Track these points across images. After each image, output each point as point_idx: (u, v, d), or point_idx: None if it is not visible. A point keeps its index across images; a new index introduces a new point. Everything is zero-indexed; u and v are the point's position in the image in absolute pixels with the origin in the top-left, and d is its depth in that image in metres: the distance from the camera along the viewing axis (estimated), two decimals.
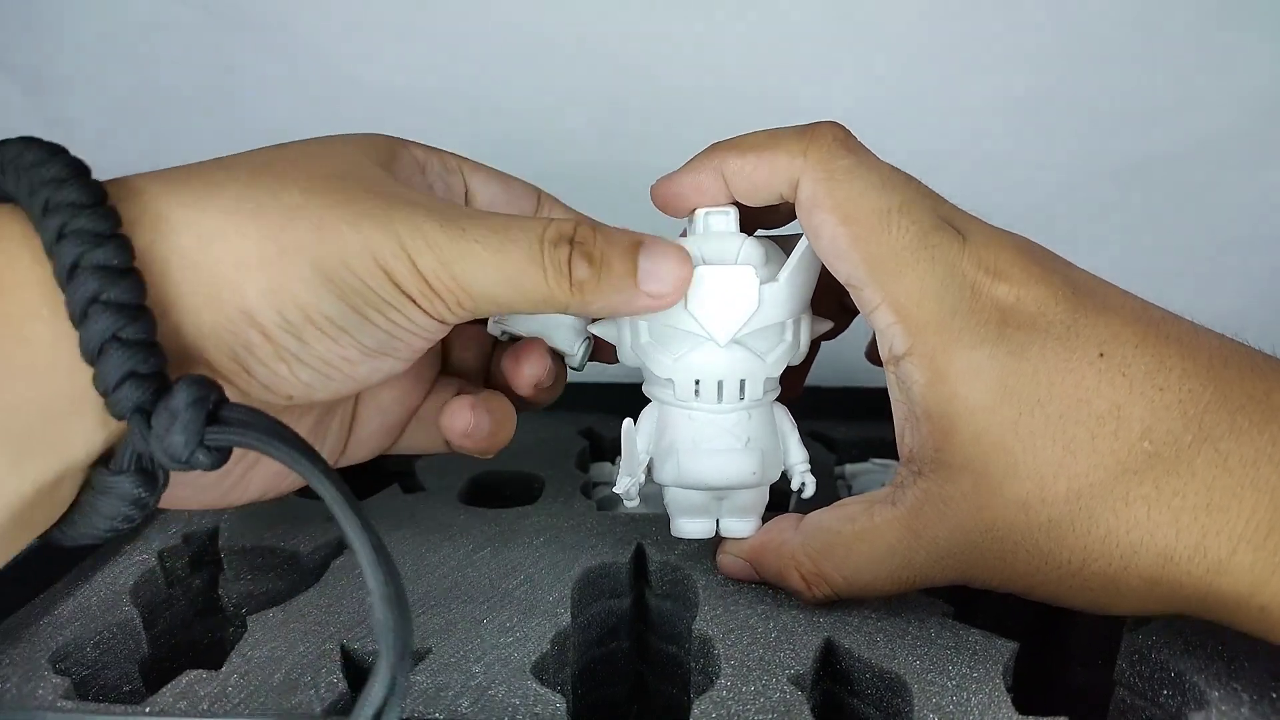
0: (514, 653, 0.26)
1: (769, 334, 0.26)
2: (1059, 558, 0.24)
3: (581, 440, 0.43)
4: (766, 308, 0.25)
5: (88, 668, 0.27)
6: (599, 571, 0.32)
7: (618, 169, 0.50)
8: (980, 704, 0.24)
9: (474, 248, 0.23)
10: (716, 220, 0.27)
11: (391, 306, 0.23)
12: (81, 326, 0.20)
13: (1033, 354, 0.24)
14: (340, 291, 0.22)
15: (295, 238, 0.22)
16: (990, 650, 0.27)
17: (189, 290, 0.21)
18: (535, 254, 0.23)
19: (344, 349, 0.23)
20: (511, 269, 0.23)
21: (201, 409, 0.20)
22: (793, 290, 0.26)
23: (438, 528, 0.34)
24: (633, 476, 0.28)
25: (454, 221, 0.23)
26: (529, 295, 0.24)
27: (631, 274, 0.24)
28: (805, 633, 0.28)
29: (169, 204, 0.22)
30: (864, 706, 0.27)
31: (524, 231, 0.24)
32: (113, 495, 0.21)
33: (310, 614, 0.28)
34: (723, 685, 0.25)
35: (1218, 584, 0.22)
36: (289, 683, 0.25)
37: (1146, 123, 0.48)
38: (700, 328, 0.25)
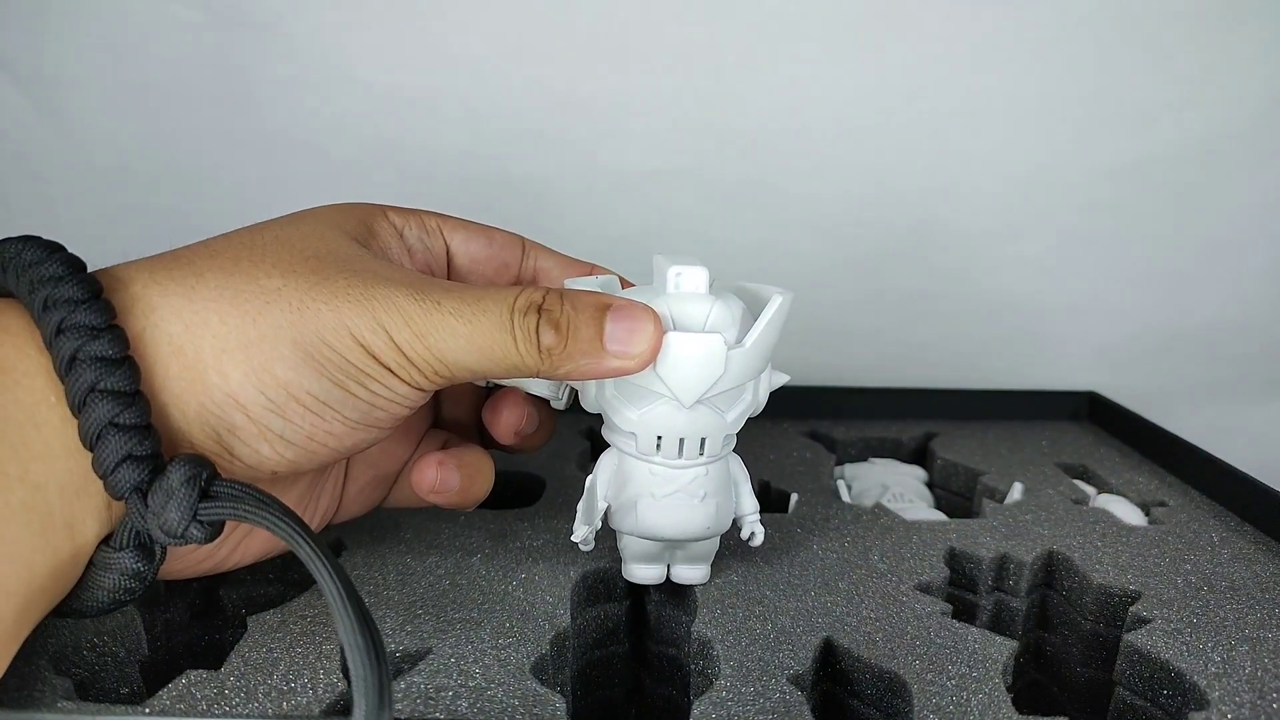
0: (513, 654, 0.26)
1: (732, 394, 0.27)
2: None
3: (582, 441, 0.43)
4: (733, 373, 0.26)
5: (87, 668, 0.27)
6: (598, 573, 0.32)
7: (618, 169, 0.50)
8: (980, 704, 0.24)
9: (448, 320, 0.24)
10: (688, 279, 0.27)
11: (371, 378, 0.24)
12: (81, 414, 0.21)
13: None
14: (320, 367, 0.23)
15: (274, 320, 0.23)
16: (990, 650, 0.27)
17: (176, 375, 0.23)
18: (505, 323, 0.24)
19: (328, 424, 0.24)
20: (483, 339, 0.24)
21: (194, 486, 0.21)
22: (759, 352, 0.26)
23: (437, 528, 0.34)
24: (590, 525, 0.28)
25: (428, 295, 0.24)
26: (501, 363, 0.25)
27: (598, 339, 0.25)
28: (804, 633, 0.28)
29: (158, 293, 0.23)
30: (864, 707, 0.27)
31: (494, 302, 0.25)
32: (114, 571, 0.22)
33: (309, 615, 0.28)
34: (722, 686, 0.25)
35: None
36: (288, 683, 0.25)
37: (1145, 123, 0.48)
38: (667, 390, 0.26)
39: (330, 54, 0.47)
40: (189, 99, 0.48)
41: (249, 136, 0.49)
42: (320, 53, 0.47)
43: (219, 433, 0.23)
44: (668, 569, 0.30)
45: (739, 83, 0.48)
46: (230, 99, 0.48)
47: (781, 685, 0.25)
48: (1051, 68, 0.47)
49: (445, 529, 0.34)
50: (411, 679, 0.25)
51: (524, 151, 0.49)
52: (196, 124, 0.49)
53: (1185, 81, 0.47)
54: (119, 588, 0.23)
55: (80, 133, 0.49)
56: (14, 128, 0.48)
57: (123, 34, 0.47)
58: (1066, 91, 0.48)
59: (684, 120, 0.48)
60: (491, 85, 0.48)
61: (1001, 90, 0.48)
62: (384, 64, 0.48)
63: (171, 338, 0.23)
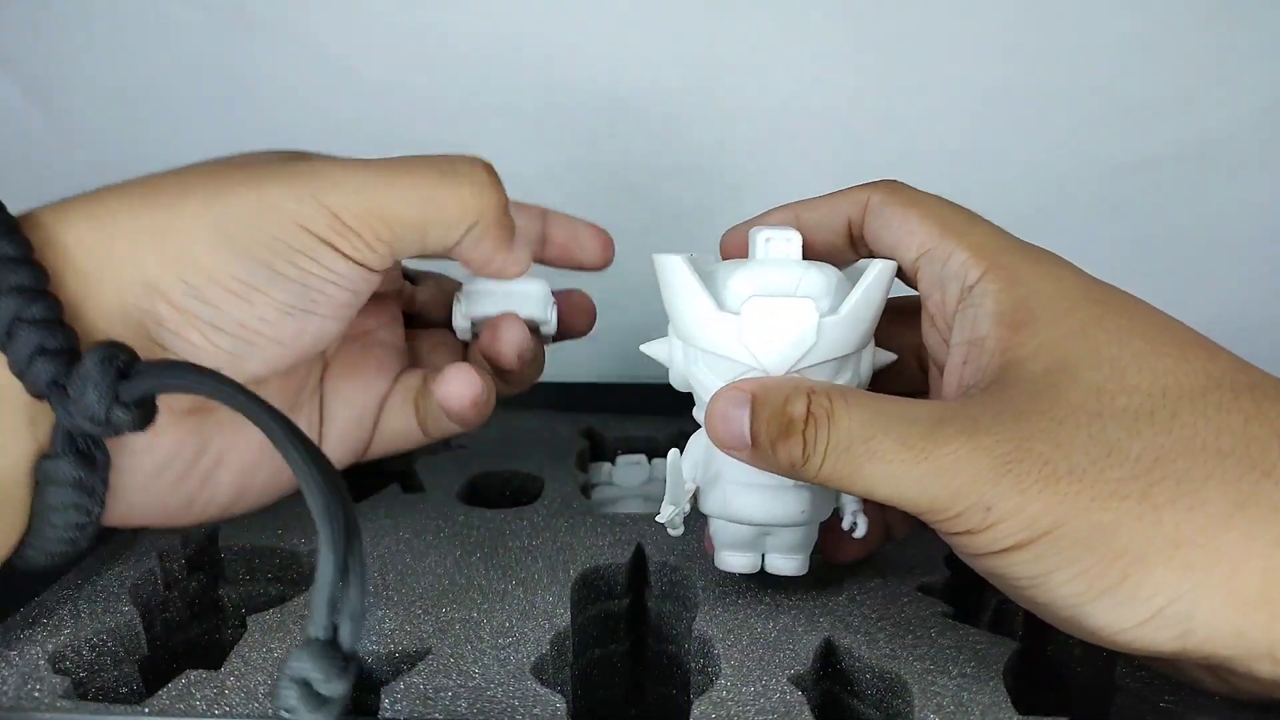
0: (513, 654, 0.26)
1: (827, 368, 0.25)
2: (1128, 450, 0.21)
3: (581, 440, 0.43)
4: (826, 343, 0.24)
5: (86, 668, 0.27)
6: (598, 572, 0.32)
7: (619, 168, 0.50)
8: (981, 704, 0.24)
9: (383, 174, 0.24)
10: (778, 246, 0.25)
11: (303, 254, 0.24)
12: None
13: (1112, 286, 0.24)
14: (245, 247, 0.23)
15: (191, 208, 0.23)
16: (991, 650, 0.27)
17: (90, 271, 0.22)
18: (446, 169, 0.25)
19: (258, 308, 0.24)
20: (423, 184, 0.24)
21: (110, 366, 0.21)
22: (855, 323, 0.24)
23: (436, 528, 0.34)
24: (677, 505, 0.27)
25: (360, 161, 0.24)
26: (447, 210, 0.25)
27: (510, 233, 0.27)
28: (805, 632, 0.28)
29: (63, 207, 0.23)
30: (864, 707, 0.27)
31: (435, 156, 0.25)
32: (55, 483, 0.22)
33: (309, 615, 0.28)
34: (722, 686, 0.25)
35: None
36: None
37: (1146, 122, 0.48)
38: (754, 359, 0.24)
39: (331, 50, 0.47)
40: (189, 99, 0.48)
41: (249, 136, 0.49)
42: (321, 49, 0.47)
43: (145, 326, 0.23)
44: (762, 559, 0.28)
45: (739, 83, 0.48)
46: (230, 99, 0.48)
47: (782, 685, 0.25)
48: (1053, 66, 0.47)
49: (444, 528, 0.34)
50: (411, 679, 0.25)
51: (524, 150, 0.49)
52: (196, 124, 0.49)
53: (1185, 81, 0.47)
54: (66, 504, 0.22)
55: (80, 133, 0.49)
56: (14, 128, 0.48)
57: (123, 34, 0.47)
58: (1066, 90, 0.48)
59: (684, 119, 0.48)
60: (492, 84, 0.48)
61: (1002, 89, 0.47)
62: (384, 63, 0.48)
63: (81, 236, 0.23)
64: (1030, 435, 0.21)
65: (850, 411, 0.22)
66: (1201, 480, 0.20)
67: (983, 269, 0.24)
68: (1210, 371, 0.22)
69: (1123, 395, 0.21)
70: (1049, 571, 0.21)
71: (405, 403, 0.30)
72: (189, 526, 0.28)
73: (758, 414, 0.23)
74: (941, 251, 0.25)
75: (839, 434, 0.22)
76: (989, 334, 0.24)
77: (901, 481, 0.22)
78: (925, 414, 0.22)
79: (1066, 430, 0.21)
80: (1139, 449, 0.21)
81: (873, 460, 0.22)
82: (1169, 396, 0.21)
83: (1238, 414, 0.21)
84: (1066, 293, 0.23)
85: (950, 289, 0.25)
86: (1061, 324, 0.23)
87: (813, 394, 0.23)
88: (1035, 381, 0.22)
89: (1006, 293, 0.24)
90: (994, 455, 0.21)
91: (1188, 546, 0.20)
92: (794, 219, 0.28)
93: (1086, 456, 0.21)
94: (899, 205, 0.26)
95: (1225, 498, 0.20)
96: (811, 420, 0.22)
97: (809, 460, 0.23)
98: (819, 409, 0.23)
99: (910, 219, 0.26)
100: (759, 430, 0.23)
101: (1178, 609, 0.20)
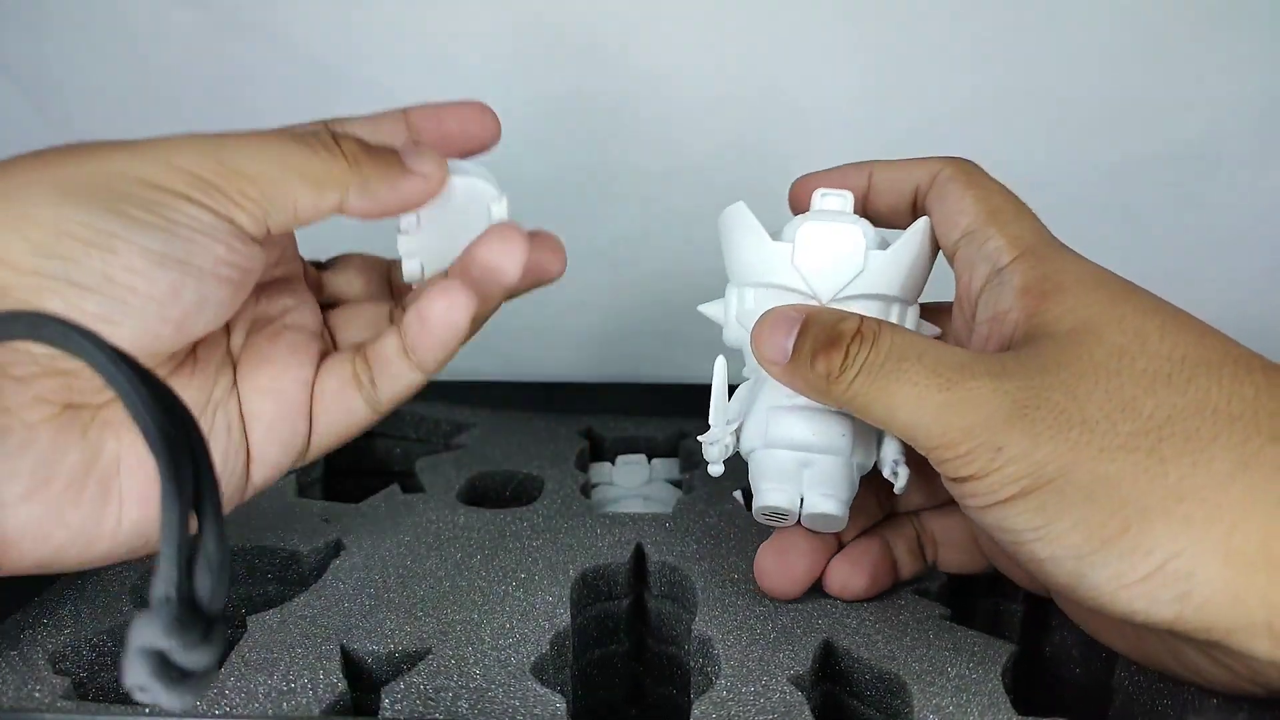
0: (513, 654, 0.26)
1: (872, 306, 0.26)
2: (1142, 407, 0.22)
3: (581, 440, 0.43)
4: (872, 273, 0.26)
5: (86, 668, 0.27)
6: (598, 572, 0.32)
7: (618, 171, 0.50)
8: (980, 705, 0.24)
9: (239, 140, 0.23)
10: (831, 200, 0.28)
11: (160, 204, 0.22)
12: None
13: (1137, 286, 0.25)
14: (91, 197, 0.21)
15: (24, 176, 0.21)
16: (990, 651, 0.27)
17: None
18: (304, 136, 0.24)
19: (122, 256, 0.21)
20: (281, 149, 0.23)
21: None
22: (900, 265, 0.26)
23: (436, 528, 0.34)
24: (718, 427, 0.28)
25: (213, 135, 0.23)
26: (305, 171, 0.23)
27: (397, 162, 0.25)
28: (804, 633, 0.28)
29: None
30: (864, 708, 0.27)
31: (289, 129, 0.25)
32: None
33: (309, 615, 0.28)
34: (722, 686, 0.25)
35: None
36: (288, 684, 0.25)
37: (1146, 123, 0.48)
38: (805, 283, 0.26)
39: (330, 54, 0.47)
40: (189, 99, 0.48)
41: None
42: (320, 53, 0.47)
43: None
44: (800, 507, 0.27)
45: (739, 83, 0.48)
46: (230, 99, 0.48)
47: (782, 685, 0.25)
48: (1052, 68, 0.47)
49: (444, 529, 0.34)
50: (411, 679, 0.25)
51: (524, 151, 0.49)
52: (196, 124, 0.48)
53: (1185, 81, 0.47)
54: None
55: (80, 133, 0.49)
56: (14, 128, 0.48)
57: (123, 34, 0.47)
58: (1066, 91, 0.48)
59: (684, 120, 0.48)
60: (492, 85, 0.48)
61: (1001, 90, 0.47)
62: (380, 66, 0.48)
63: None
64: (1050, 386, 0.22)
65: (894, 335, 0.24)
66: (1209, 440, 0.21)
67: (1014, 255, 0.25)
68: (1228, 349, 0.23)
69: (1143, 358, 0.22)
70: (1050, 521, 0.22)
71: (343, 384, 0.27)
72: (113, 558, 0.24)
73: (806, 330, 0.25)
74: (981, 235, 0.26)
75: (879, 352, 0.24)
76: (1013, 306, 0.25)
77: (923, 407, 0.23)
78: (959, 355, 0.24)
79: (1085, 385, 0.22)
80: (1152, 406, 0.22)
81: (901, 382, 0.23)
82: (1187, 363, 0.22)
83: (1250, 385, 0.22)
84: (1094, 273, 0.25)
85: (980, 270, 0.26)
86: (1090, 293, 0.24)
87: (864, 318, 0.25)
88: (1061, 339, 0.23)
89: (1034, 270, 0.25)
90: (1013, 399, 0.22)
91: (1189, 501, 0.21)
92: (868, 174, 0.29)
93: (1100, 410, 0.22)
94: (961, 184, 0.27)
95: (1230, 457, 0.21)
96: (858, 337, 0.24)
97: (844, 372, 0.24)
98: (868, 329, 0.24)
99: (965, 200, 0.26)
100: (804, 344, 0.25)
101: (1177, 565, 0.20)
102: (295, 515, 0.35)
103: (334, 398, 0.27)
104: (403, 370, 0.27)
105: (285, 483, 0.37)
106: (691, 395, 0.29)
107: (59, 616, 0.28)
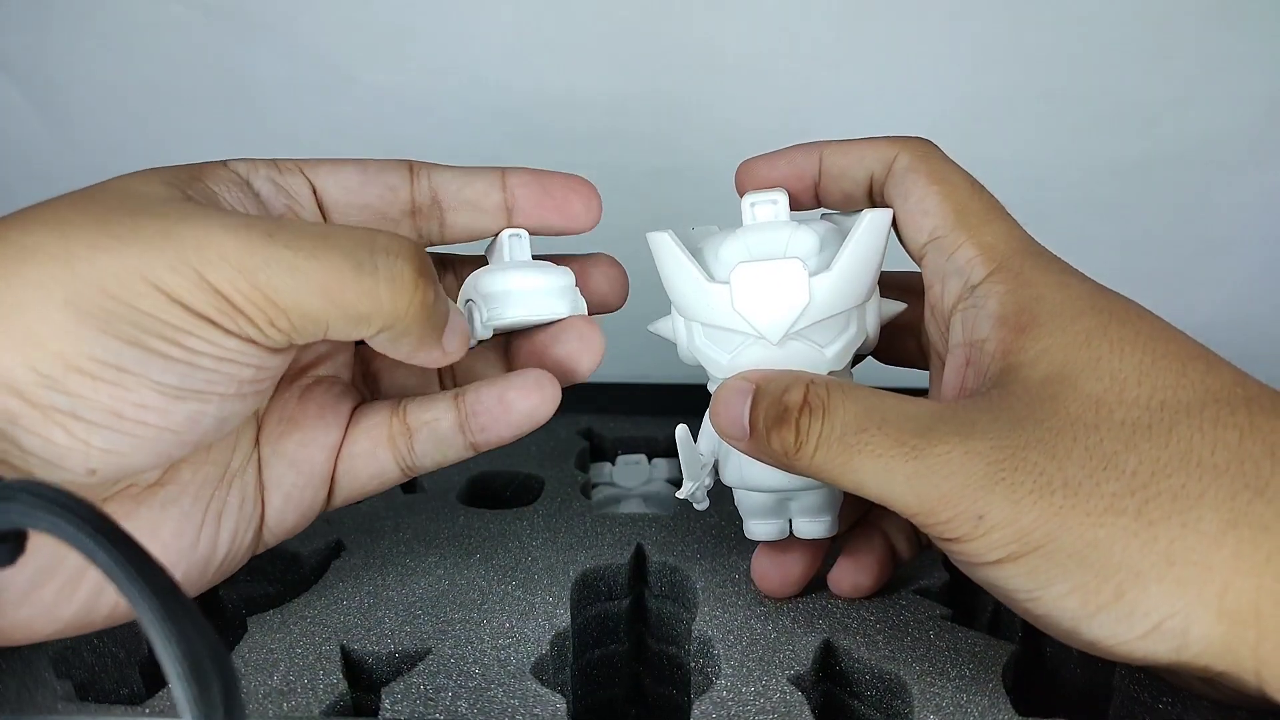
0: (513, 654, 0.26)
1: (829, 326, 0.25)
2: (1124, 463, 0.21)
3: (581, 440, 0.43)
4: (820, 301, 0.24)
5: (87, 670, 0.27)
6: (598, 572, 0.32)
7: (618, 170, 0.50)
8: (980, 706, 0.24)
9: (282, 253, 0.19)
10: (763, 209, 0.25)
11: (182, 331, 0.19)
12: None
13: (1119, 294, 0.24)
14: (105, 324, 0.19)
15: (33, 277, 0.18)
16: (990, 652, 0.27)
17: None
18: (362, 257, 0.20)
19: (134, 393, 0.19)
20: (329, 275, 0.20)
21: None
22: (850, 278, 0.24)
23: (436, 529, 0.34)
24: (695, 480, 0.27)
25: (256, 227, 0.20)
26: (349, 308, 0.20)
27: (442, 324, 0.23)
28: (805, 633, 0.28)
29: None
30: (864, 708, 0.27)
31: (350, 236, 0.20)
32: None
33: (309, 615, 0.28)
34: (722, 686, 0.25)
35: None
36: (288, 684, 0.25)
37: (1146, 123, 0.48)
38: (750, 327, 0.24)
39: (330, 54, 0.47)
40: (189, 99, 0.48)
41: (249, 136, 0.49)
42: (320, 53, 0.47)
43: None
44: (790, 524, 0.28)
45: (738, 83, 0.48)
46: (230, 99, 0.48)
47: (782, 685, 0.25)
48: (1051, 68, 0.47)
49: (444, 529, 0.34)
50: (411, 679, 0.25)
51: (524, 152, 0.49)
52: (196, 124, 0.49)
53: (1185, 81, 0.47)
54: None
55: (80, 133, 0.49)
56: (14, 128, 0.48)
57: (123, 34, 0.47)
58: (1066, 91, 0.48)
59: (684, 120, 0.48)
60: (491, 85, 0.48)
61: (1001, 90, 0.47)
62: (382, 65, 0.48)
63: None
64: (1026, 444, 0.21)
65: (846, 403, 0.22)
66: (1196, 498, 0.20)
67: (988, 270, 0.24)
68: (1209, 386, 0.22)
69: (1120, 408, 0.21)
70: (1043, 586, 0.21)
71: (376, 445, 0.25)
72: (96, 629, 0.23)
73: (757, 403, 0.23)
74: (950, 242, 0.24)
75: (833, 424, 0.22)
76: (990, 336, 0.23)
77: (892, 478, 0.21)
78: (922, 412, 0.22)
79: (1063, 441, 0.21)
80: (1135, 463, 0.21)
81: (864, 453, 0.22)
82: (1166, 410, 0.21)
83: (1233, 429, 0.21)
84: (1072, 301, 0.23)
85: (951, 284, 0.25)
86: (1065, 331, 0.22)
87: (811, 384, 0.23)
88: (1034, 389, 0.22)
89: (1011, 295, 0.23)
90: (988, 461, 0.21)
91: (1180, 564, 0.20)
92: (817, 159, 0.27)
93: (1082, 469, 0.21)
94: (923, 178, 0.25)
95: (1218, 517, 0.20)
96: (806, 409, 0.22)
97: (801, 448, 0.22)
98: (815, 399, 0.22)
99: (929, 198, 0.25)
100: (757, 418, 0.23)
101: (1174, 624, 0.20)
102: None
103: (363, 459, 0.25)
104: (455, 446, 0.26)
105: None
106: (692, 395, 0.29)
107: None
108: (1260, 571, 0.20)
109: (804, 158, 0.27)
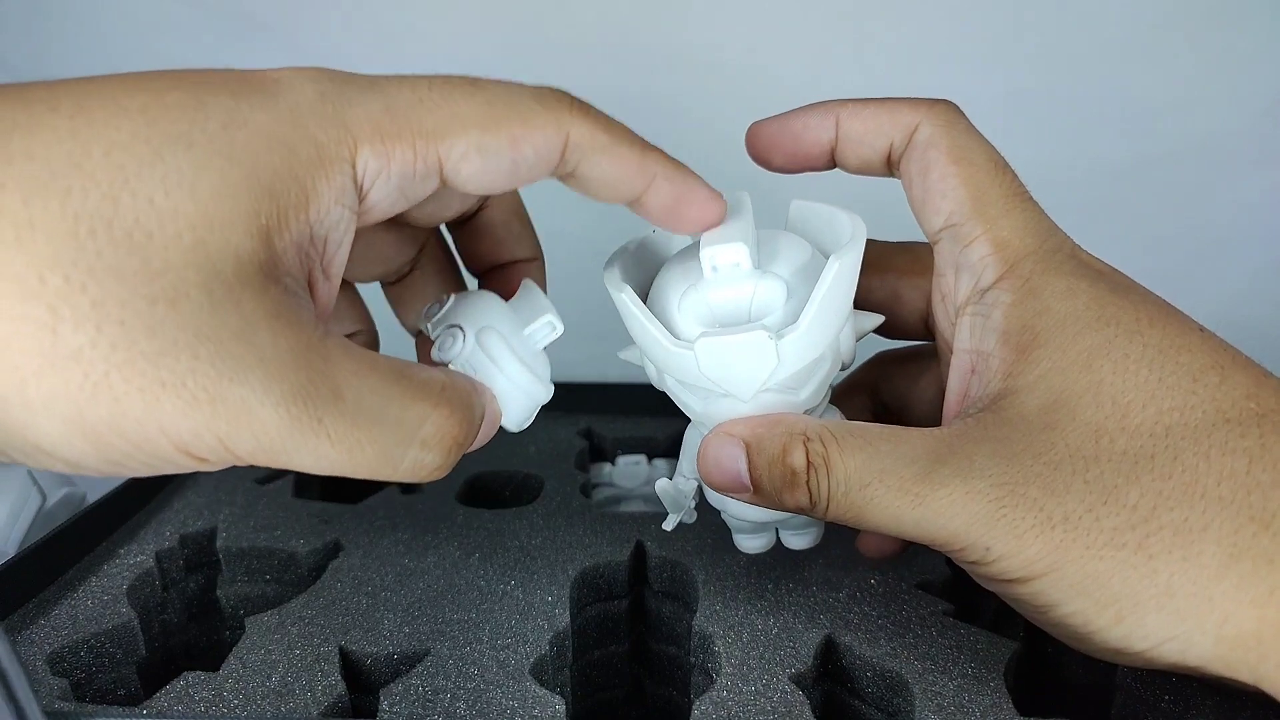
0: (512, 655, 0.26)
1: (801, 372, 0.24)
2: (1125, 497, 0.20)
3: (580, 441, 0.43)
4: (789, 361, 0.23)
5: (85, 670, 0.27)
6: (597, 572, 0.31)
7: None
8: (981, 704, 0.24)
9: (321, 445, 0.18)
10: (724, 257, 0.23)
11: (171, 464, 0.17)
12: None
13: (1136, 295, 0.23)
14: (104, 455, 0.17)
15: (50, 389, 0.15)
16: (992, 650, 0.27)
17: None
18: (395, 453, 0.19)
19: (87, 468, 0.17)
20: (354, 464, 0.18)
21: None
22: (819, 327, 0.23)
23: (435, 528, 0.34)
24: (679, 512, 0.27)
25: (309, 406, 0.17)
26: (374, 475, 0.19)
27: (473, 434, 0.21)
28: (806, 630, 0.27)
29: None
30: (865, 707, 0.27)
31: (399, 423, 0.19)
32: None
33: (307, 616, 0.28)
34: (723, 685, 0.25)
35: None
36: (286, 685, 0.25)
37: (1147, 122, 0.48)
38: (719, 388, 0.23)
39: (330, 54, 0.47)
40: None
41: None
42: (320, 53, 0.47)
43: None
44: (777, 532, 0.28)
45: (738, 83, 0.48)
46: None
47: (783, 684, 0.25)
48: (1051, 68, 0.47)
49: (444, 529, 0.34)
50: (409, 680, 0.25)
51: None
52: None
53: (1185, 81, 0.47)
54: None
55: None
56: None
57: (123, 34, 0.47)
58: (1067, 91, 0.48)
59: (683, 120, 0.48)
60: None
61: (1001, 90, 0.47)
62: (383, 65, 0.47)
63: None
64: (1024, 480, 0.21)
65: (845, 458, 0.22)
66: (1199, 531, 0.20)
67: (999, 274, 0.23)
68: (1219, 403, 0.21)
69: (1123, 437, 0.21)
70: (1051, 605, 0.22)
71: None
72: None
73: (755, 462, 0.23)
74: (966, 233, 0.24)
75: (838, 480, 0.22)
76: (994, 352, 0.23)
77: (901, 523, 0.22)
78: (922, 452, 0.22)
79: (1062, 475, 0.21)
80: (1136, 496, 0.21)
81: (871, 506, 0.22)
82: (1172, 436, 0.21)
83: (1242, 455, 0.20)
84: (1078, 314, 0.22)
85: (964, 280, 0.24)
86: (1066, 352, 0.22)
87: (808, 441, 0.23)
88: (1032, 418, 0.22)
89: (1015, 309, 0.23)
90: (988, 499, 0.21)
91: (1180, 596, 0.20)
92: (834, 122, 0.26)
93: (1082, 503, 0.21)
94: (944, 155, 0.24)
95: (1221, 549, 0.20)
96: (813, 470, 0.22)
97: (815, 506, 0.23)
98: (816, 458, 0.22)
99: (948, 179, 0.24)
100: (760, 478, 0.23)
101: (1173, 646, 0.21)
102: (293, 516, 0.34)
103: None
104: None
105: (283, 483, 0.37)
106: None
107: (57, 618, 0.28)
108: (1263, 603, 0.20)
109: (819, 120, 0.26)
